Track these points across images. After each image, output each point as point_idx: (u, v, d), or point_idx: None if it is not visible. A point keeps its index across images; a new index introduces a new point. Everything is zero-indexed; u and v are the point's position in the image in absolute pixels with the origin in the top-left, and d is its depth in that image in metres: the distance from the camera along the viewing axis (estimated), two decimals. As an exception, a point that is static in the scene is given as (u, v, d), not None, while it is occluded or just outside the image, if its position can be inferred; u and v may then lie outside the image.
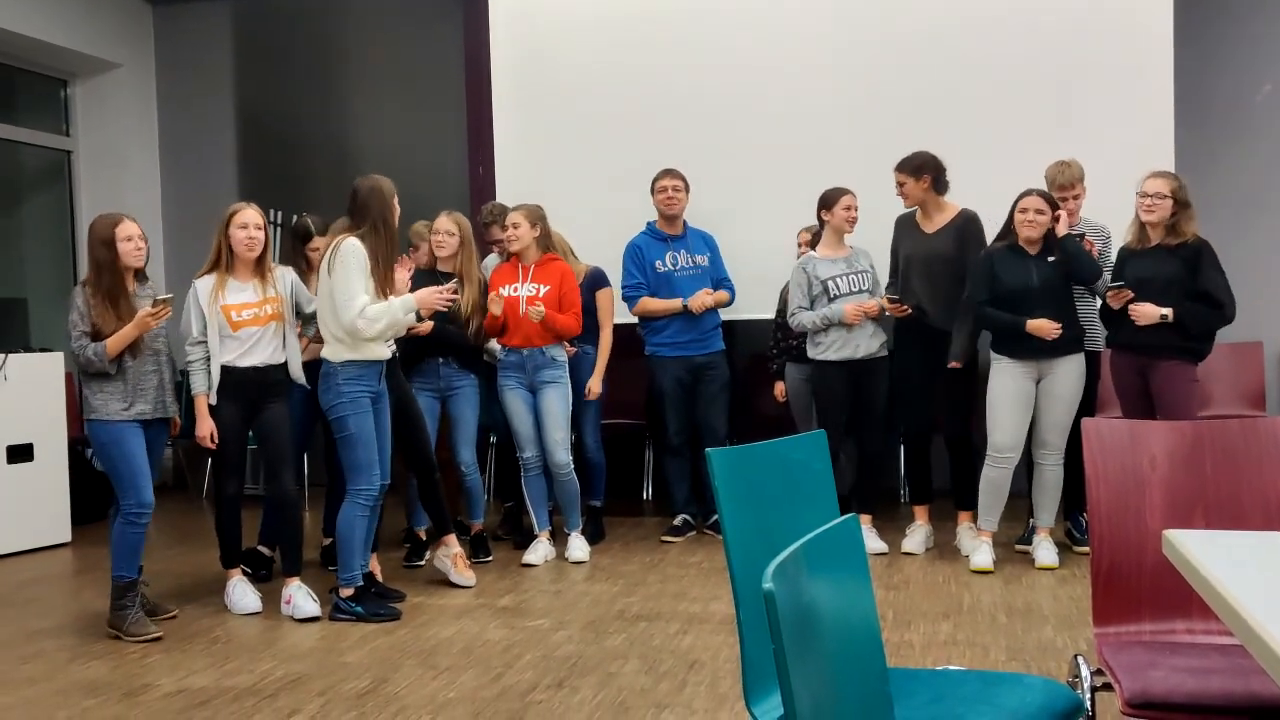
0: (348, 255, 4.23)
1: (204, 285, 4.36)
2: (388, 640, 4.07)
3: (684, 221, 5.70)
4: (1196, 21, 6.09)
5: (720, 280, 5.70)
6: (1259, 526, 2.36)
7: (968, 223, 5.11)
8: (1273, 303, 6.14)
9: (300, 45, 7.71)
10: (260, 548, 5.06)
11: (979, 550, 4.86)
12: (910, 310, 5.08)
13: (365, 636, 4.12)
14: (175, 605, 4.56)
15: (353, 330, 4.23)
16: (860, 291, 5.15)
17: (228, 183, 7.77)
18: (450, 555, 4.81)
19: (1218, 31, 6.30)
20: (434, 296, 4.46)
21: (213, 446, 4.35)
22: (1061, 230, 4.74)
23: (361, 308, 4.21)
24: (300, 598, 4.39)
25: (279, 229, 7.57)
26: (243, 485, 4.51)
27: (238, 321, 4.33)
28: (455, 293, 4.62)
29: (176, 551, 5.79)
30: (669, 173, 5.63)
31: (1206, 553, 1.77)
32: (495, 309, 5.04)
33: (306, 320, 4.58)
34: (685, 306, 5.55)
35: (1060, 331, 4.68)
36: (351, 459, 4.33)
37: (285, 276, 4.53)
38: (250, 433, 4.50)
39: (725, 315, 5.79)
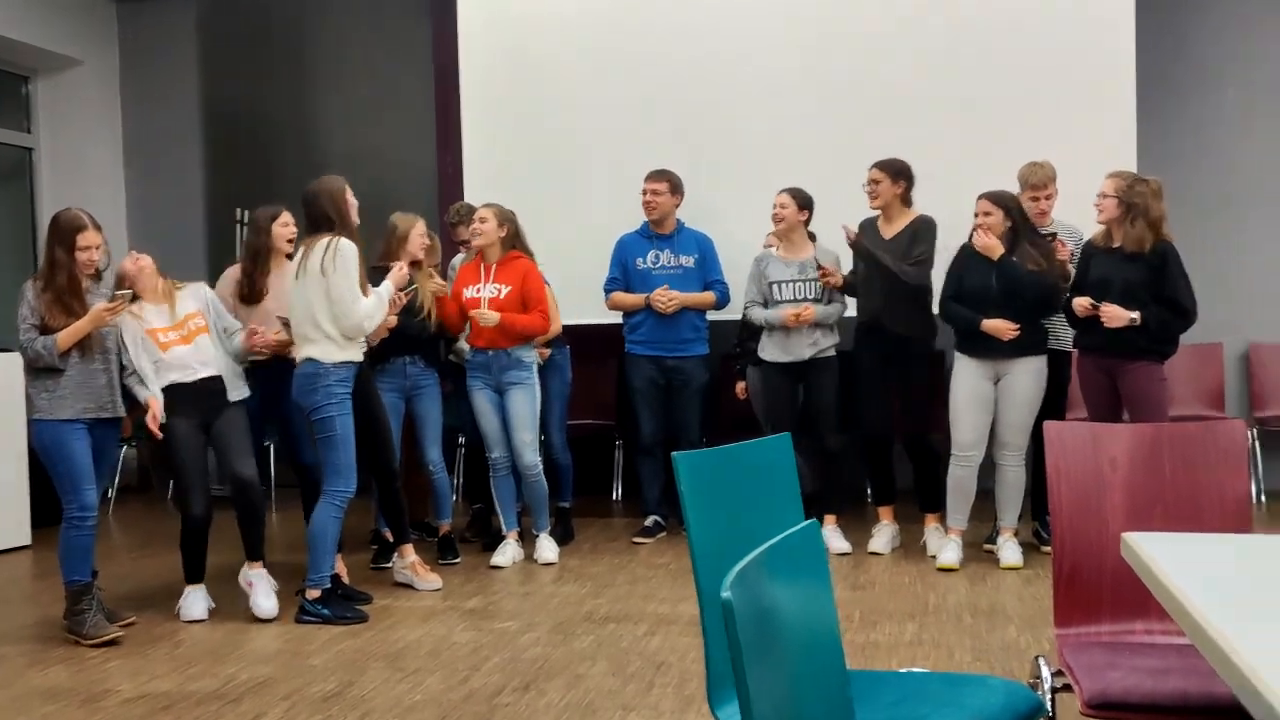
0: (349, 257, 4.30)
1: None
2: (354, 643, 4.05)
3: (678, 222, 5.68)
4: (1158, 21, 6.14)
5: (711, 283, 5.65)
6: (1215, 528, 2.40)
7: (921, 226, 5.11)
8: (1231, 304, 6.22)
9: (268, 41, 7.65)
10: None
11: (947, 548, 4.90)
12: (842, 281, 5.16)
13: (331, 639, 4.10)
14: (137, 609, 4.51)
15: (358, 330, 4.34)
16: (803, 299, 5.18)
17: (193, 181, 7.70)
18: (408, 565, 4.80)
19: (1179, 33, 6.37)
20: (400, 274, 4.59)
21: (158, 433, 4.25)
22: (979, 244, 4.76)
23: (364, 307, 4.33)
24: (261, 590, 4.39)
25: (244, 227, 7.52)
26: (210, 506, 4.37)
27: (164, 343, 4.35)
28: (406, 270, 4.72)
29: (139, 555, 5.73)
30: (651, 175, 5.62)
31: (1162, 555, 1.79)
32: (490, 322, 5.01)
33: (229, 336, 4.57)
34: (648, 302, 5.55)
35: (1017, 333, 4.73)
36: (333, 460, 4.32)
37: (199, 291, 4.56)
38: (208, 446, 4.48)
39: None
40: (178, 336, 4.38)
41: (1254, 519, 2.69)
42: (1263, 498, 6.11)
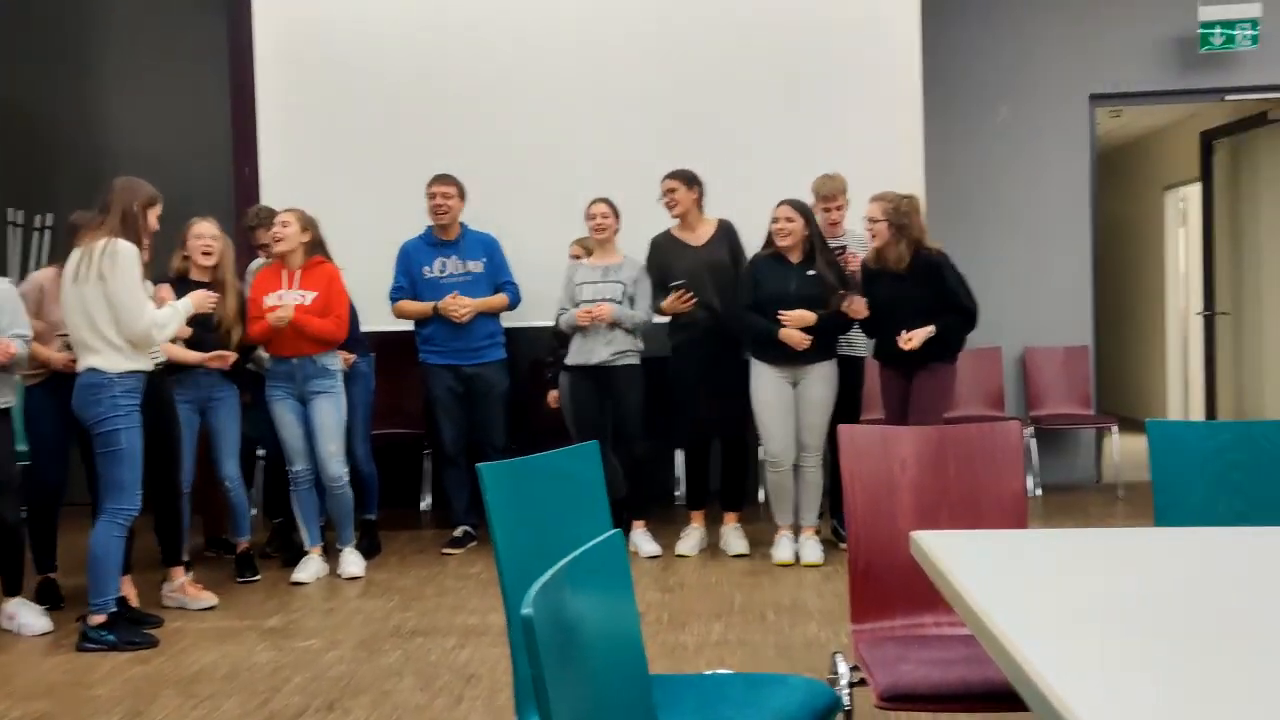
0: (129, 260, 4.09)
1: None
2: (143, 670, 3.83)
3: (461, 226, 5.59)
4: (942, 40, 6.48)
5: (501, 284, 5.57)
6: (996, 523, 2.54)
7: (730, 232, 5.27)
8: (1010, 310, 6.64)
9: (46, 33, 7.15)
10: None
11: (779, 545, 5.10)
12: (696, 300, 5.17)
13: (117, 667, 3.86)
14: (-105, 644, 4.15)
15: (145, 339, 4.13)
16: (602, 300, 5.21)
17: (-42, 179, 7.12)
18: (177, 587, 4.59)
19: (961, 52, 6.74)
20: (204, 297, 4.48)
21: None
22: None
23: (152, 314, 4.13)
24: (26, 612, 4.29)
25: (20, 230, 7.02)
26: (18, 508, 4.20)
27: None
28: (217, 298, 4.63)
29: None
30: (438, 179, 5.50)
31: (945, 552, 1.89)
32: (284, 318, 4.82)
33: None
34: (436, 309, 5.46)
35: (810, 342, 4.91)
36: (118, 476, 4.11)
37: None
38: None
39: (507, 321, 5.67)
40: None
41: (1030, 513, 2.87)
42: (1038, 491, 6.54)
